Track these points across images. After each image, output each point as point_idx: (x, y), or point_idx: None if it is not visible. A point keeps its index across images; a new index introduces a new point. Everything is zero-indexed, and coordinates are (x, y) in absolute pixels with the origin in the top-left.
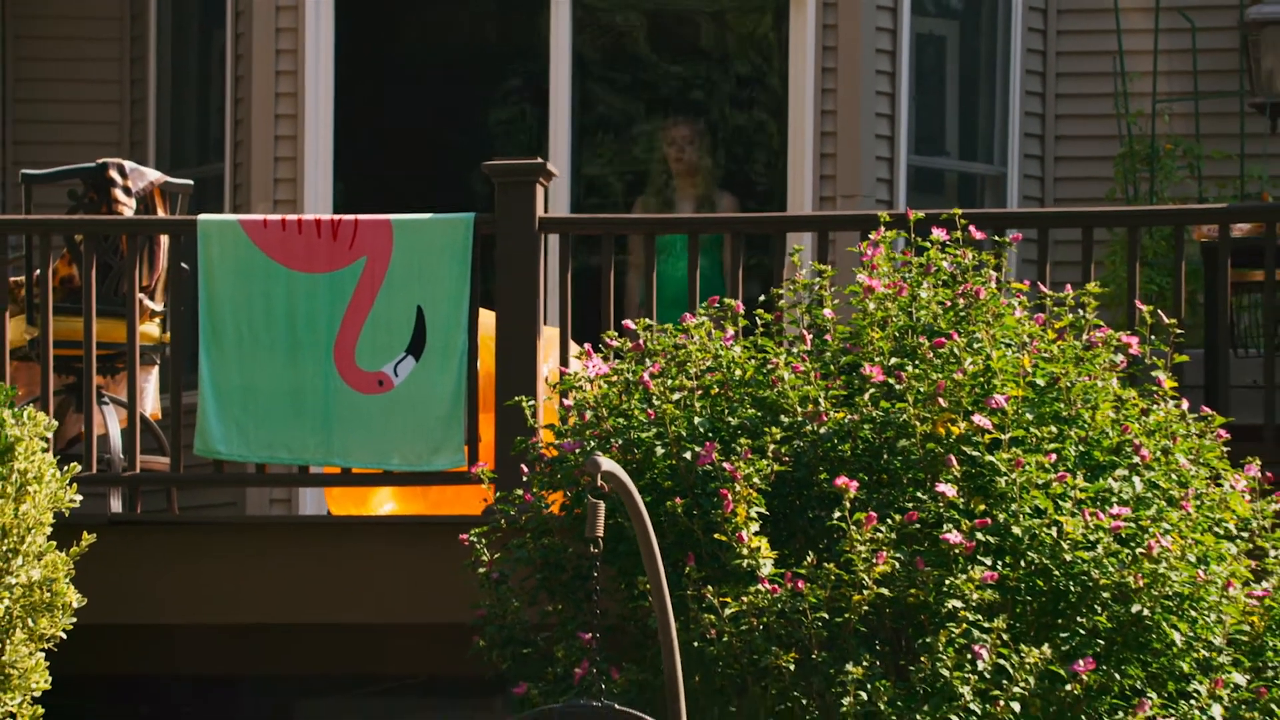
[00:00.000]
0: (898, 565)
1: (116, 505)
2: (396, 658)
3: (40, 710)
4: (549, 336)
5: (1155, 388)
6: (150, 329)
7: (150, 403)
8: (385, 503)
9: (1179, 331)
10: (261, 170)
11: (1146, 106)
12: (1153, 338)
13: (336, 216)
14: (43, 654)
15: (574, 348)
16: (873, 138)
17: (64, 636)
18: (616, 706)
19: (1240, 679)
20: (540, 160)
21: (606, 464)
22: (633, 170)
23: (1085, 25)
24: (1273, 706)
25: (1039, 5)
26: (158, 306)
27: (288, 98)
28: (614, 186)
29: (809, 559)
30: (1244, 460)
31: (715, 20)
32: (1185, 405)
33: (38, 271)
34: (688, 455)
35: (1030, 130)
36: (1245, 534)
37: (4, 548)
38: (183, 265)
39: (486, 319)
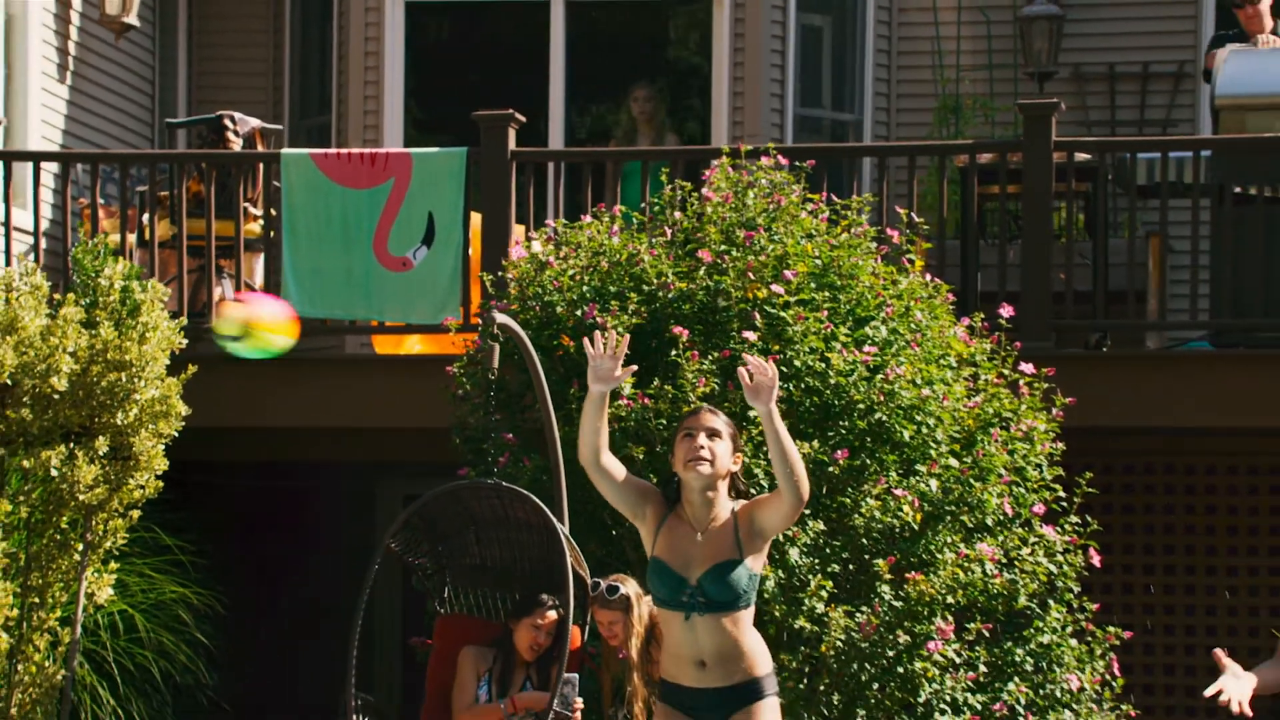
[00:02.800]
0: (716, 387)
1: None
2: (415, 450)
3: (160, 484)
4: (518, 233)
5: (908, 265)
6: (253, 227)
7: (259, 278)
8: (414, 345)
9: (925, 226)
10: (355, 120)
11: (955, 74)
12: (908, 230)
13: (374, 150)
14: (162, 446)
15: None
16: (769, 95)
17: (176, 435)
18: (503, 483)
19: (954, 463)
20: (510, 111)
21: (500, 318)
22: (609, 119)
23: (915, 19)
24: (970, 480)
25: (885, 4)
26: (257, 211)
27: (372, 70)
28: (596, 131)
29: (655, 383)
30: (971, 315)
31: (664, 12)
32: (928, 276)
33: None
34: (579, 312)
35: (880, 90)
36: (965, 365)
37: (132, 373)
38: (275, 183)
39: (476, 219)
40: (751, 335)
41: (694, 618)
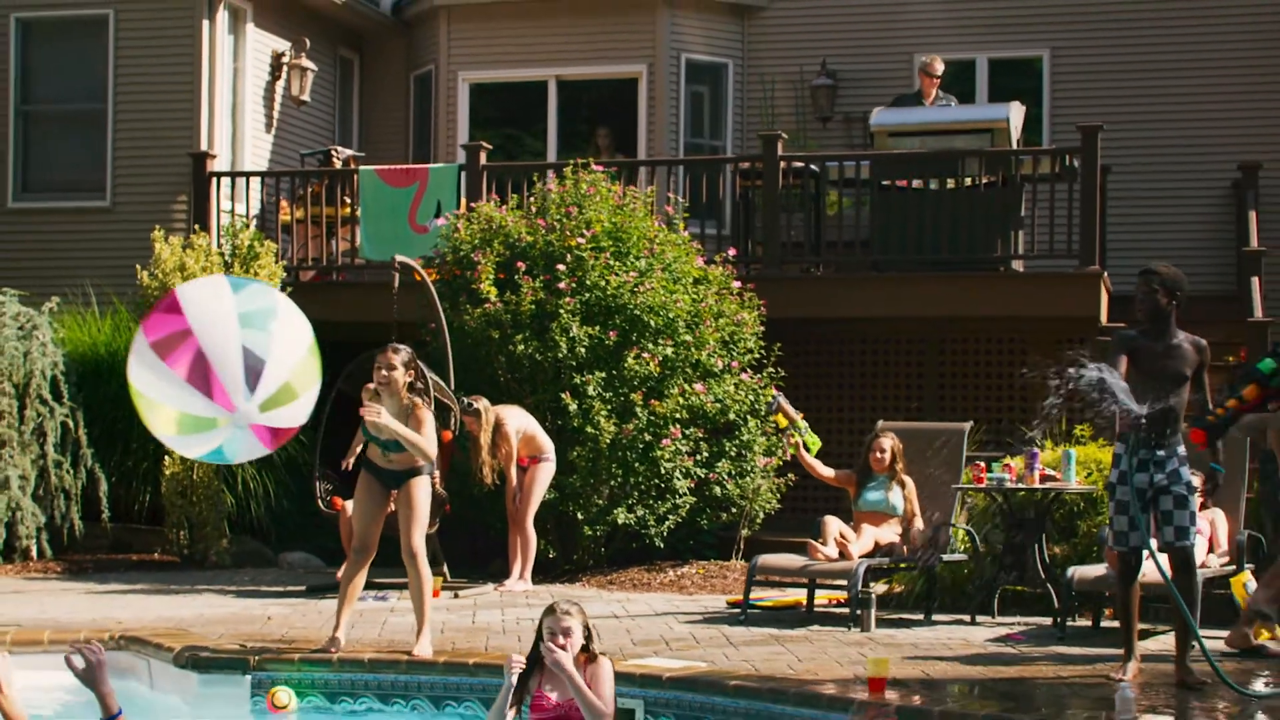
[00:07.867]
0: (543, 296)
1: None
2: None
3: None
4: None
5: (674, 226)
6: (346, 211)
7: (358, 240)
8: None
9: (688, 204)
10: (442, 152)
11: (770, 120)
12: (680, 207)
13: (408, 166)
14: None
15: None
16: (669, 131)
17: None
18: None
19: (688, 338)
20: (480, 143)
21: (400, 258)
22: (583, 147)
23: (754, 87)
24: (694, 347)
25: (739, 80)
26: (349, 201)
27: (450, 123)
28: (574, 156)
29: (508, 294)
30: (716, 255)
31: (612, 86)
32: (686, 232)
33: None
34: (473, 256)
35: (736, 127)
36: (702, 284)
37: None
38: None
39: (465, 204)
40: (561, 267)
41: (388, 453)
